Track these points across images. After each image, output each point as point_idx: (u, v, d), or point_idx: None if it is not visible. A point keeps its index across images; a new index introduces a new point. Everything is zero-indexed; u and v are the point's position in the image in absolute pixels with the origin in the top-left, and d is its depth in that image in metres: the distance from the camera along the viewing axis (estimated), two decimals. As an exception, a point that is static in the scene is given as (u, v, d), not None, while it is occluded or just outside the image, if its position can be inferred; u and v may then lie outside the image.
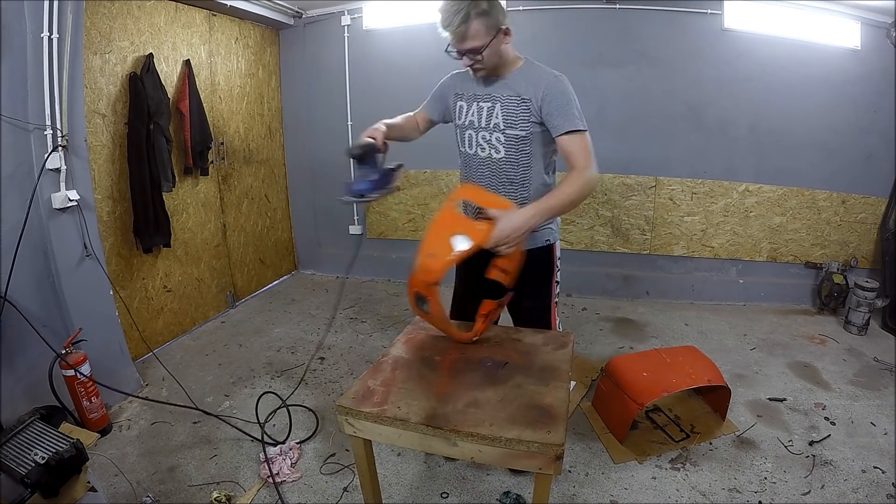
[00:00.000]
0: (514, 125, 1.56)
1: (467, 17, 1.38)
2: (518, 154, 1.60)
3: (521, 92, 1.53)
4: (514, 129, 1.57)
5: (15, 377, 2.06)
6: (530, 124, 1.55)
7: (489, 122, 1.60)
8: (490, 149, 1.63)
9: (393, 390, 1.29)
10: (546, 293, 1.78)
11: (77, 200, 2.20)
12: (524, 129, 1.56)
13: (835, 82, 3.30)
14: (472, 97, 1.64)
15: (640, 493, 1.89)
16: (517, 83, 1.55)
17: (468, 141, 1.68)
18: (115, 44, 2.63)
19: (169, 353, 3.02)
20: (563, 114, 1.48)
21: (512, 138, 1.58)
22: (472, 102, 1.64)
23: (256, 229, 4.02)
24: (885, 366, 2.80)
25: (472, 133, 1.66)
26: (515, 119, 1.56)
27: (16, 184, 2.05)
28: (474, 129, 1.65)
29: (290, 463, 2.03)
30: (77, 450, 1.41)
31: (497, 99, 1.58)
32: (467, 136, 1.68)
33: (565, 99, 1.49)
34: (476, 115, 1.63)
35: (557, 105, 1.48)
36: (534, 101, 1.51)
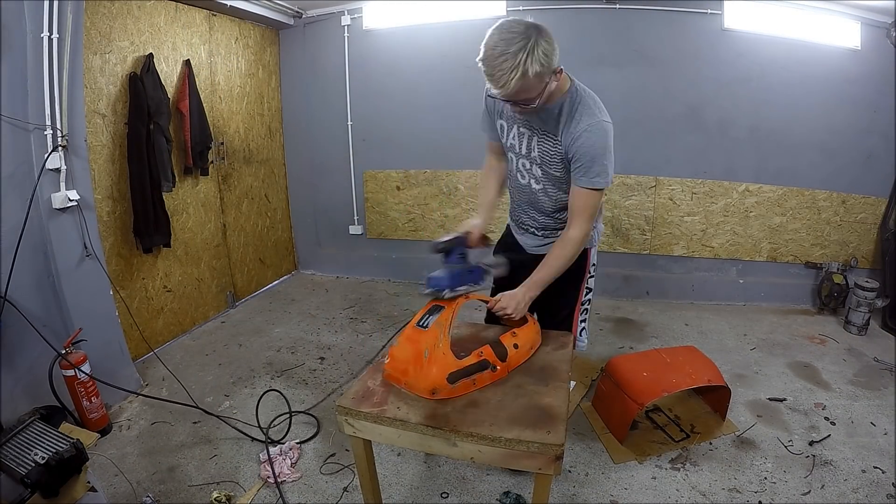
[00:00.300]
0: (550, 164, 1.51)
1: (524, 75, 1.21)
2: (556, 189, 1.56)
3: (557, 133, 1.44)
4: (551, 168, 1.51)
5: (15, 377, 2.06)
6: (564, 166, 1.48)
7: (529, 151, 1.53)
8: (529, 178, 1.59)
9: (392, 390, 1.29)
10: (573, 296, 1.76)
11: (77, 200, 2.20)
12: (559, 170, 1.50)
13: (835, 82, 3.30)
14: (512, 118, 1.52)
15: (640, 493, 1.89)
16: (554, 122, 1.43)
17: (511, 162, 1.63)
18: (115, 44, 2.63)
19: (169, 353, 3.02)
20: (584, 168, 1.41)
21: (549, 175, 1.53)
22: (513, 125, 1.54)
23: (256, 229, 4.02)
24: (885, 366, 2.80)
25: (513, 157, 1.60)
26: (550, 159, 1.50)
27: (16, 184, 2.05)
28: (515, 154, 1.59)
29: (290, 463, 2.04)
30: (77, 450, 1.41)
31: (535, 130, 1.49)
32: (510, 158, 1.62)
33: (593, 154, 1.39)
34: (517, 140, 1.55)
35: (583, 157, 1.40)
36: (564, 146, 1.44)
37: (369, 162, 4.13)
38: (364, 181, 4.18)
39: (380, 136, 4.01)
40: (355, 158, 4.14)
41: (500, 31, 1.24)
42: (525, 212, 1.71)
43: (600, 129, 1.40)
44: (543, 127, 1.47)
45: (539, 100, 1.31)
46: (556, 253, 1.51)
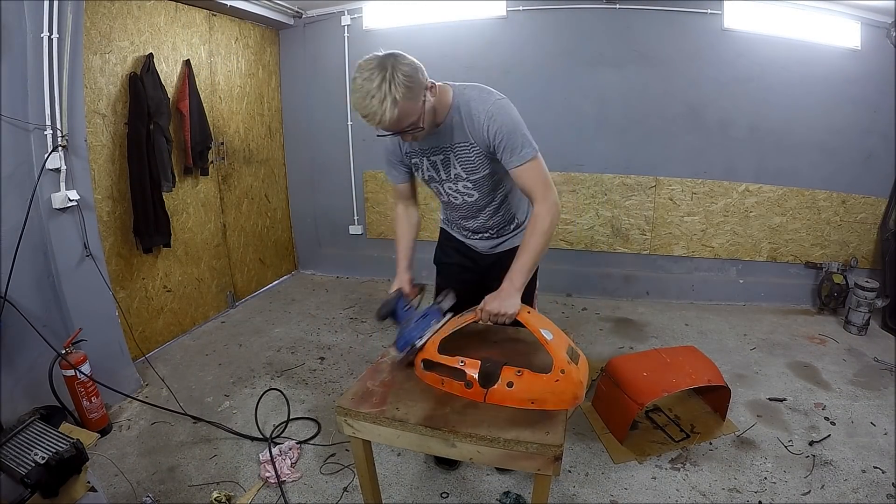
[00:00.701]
0: (475, 170, 1.48)
1: (395, 103, 1.21)
2: (492, 188, 1.55)
3: (466, 137, 1.43)
4: (477, 172, 1.49)
5: (15, 377, 2.06)
6: (490, 162, 1.46)
7: (448, 173, 1.52)
8: (464, 196, 1.57)
9: (392, 391, 1.29)
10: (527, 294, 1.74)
11: (77, 200, 2.20)
12: (486, 167, 1.48)
13: (835, 82, 3.30)
14: (418, 153, 1.52)
15: (640, 493, 1.89)
16: (459, 129, 1.42)
17: (438, 191, 1.62)
18: (115, 44, 2.63)
19: (169, 353, 3.02)
20: (509, 148, 1.38)
21: (478, 181, 1.51)
22: (423, 158, 1.53)
23: (256, 229, 4.02)
24: (885, 366, 2.80)
25: (437, 186, 1.59)
26: (474, 164, 1.47)
27: (16, 184, 2.05)
28: (437, 183, 1.57)
29: (290, 463, 2.04)
30: (77, 450, 1.41)
31: (447, 149, 1.47)
32: (434, 188, 1.62)
33: (508, 130, 1.37)
34: (433, 170, 1.54)
35: (502, 140, 1.38)
36: (480, 143, 1.42)
37: (369, 162, 4.13)
38: (364, 181, 4.18)
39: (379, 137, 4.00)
40: (355, 158, 4.14)
41: (360, 72, 1.24)
42: (474, 219, 1.66)
43: (499, 107, 1.38)
44: (452, 140, 1.45)
45: (422, 120, 1.31)
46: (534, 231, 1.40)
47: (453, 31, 3.60)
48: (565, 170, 3.73)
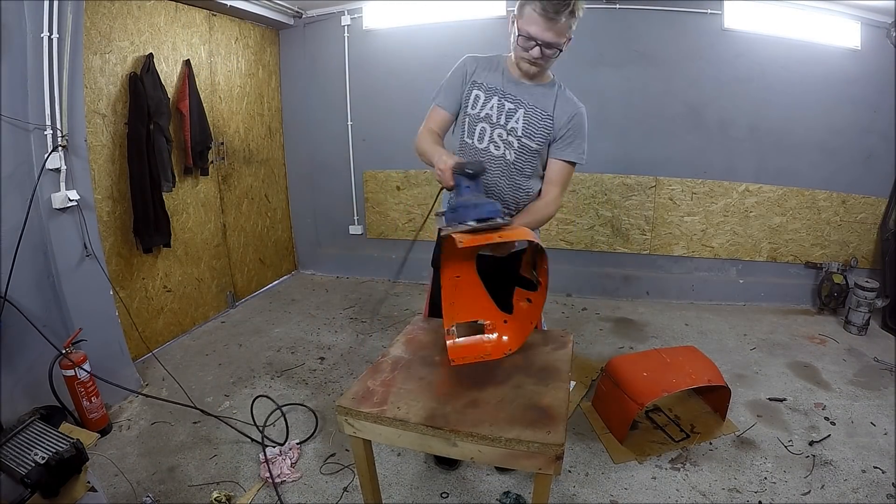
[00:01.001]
0: (531, 137, 1.56)
1: (573, 13, 1.36)
2: (526, 163, 1.60)
3: (550, 109, 1.54)
4: (531, 140, 1.56)
5: (15, 377, 2.06)
6: (545, 140, 1.56)
7: (507, 122, 1.56)
8: (505, 148, 1.58)
9: (392, 390, 1.29)
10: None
11: (77, 200, 2.20)
12: (540, 143, 1.57)
13: (835, 82, 3.30)
14: (493, 90, 1.56)
15: (640, 493, 1.89)
16: (548, 99, 1.55)
17: (480, 134, 1.59)
18: (115, 44, 2.63)
19: (169, 353, 3.02)
20: (573, 145, 1.56)
21: (525, 148, 1.57)
22: (493, 96, 1.56)
23: (256, 229, 4.02)
24: (885, 366, 2.80)
25: (486, 127, 1.58)
26: (535, 131, 1.55)
27: (16, 184, 2.05)
28: (490, 124, 1.58)
29: (290, 463, 2.04)
30: (77, 450, 1.41)
31: (522, 104, 1.55)
32: (479, 129, 1.59)
33: (583, 130, 1.56)
34: (495, 111, 1.56)
35: (574, 135, 1.55)
36: (556, 122, 1.54)
37: (369, 162, 4.13)
38: (364, 181, 4.18)
39: (380, 136, 4.01)
40: (355, 158, 4.14)
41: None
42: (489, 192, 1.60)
43: (585, 114, 1.59)
44: (533, 101, 1.54)
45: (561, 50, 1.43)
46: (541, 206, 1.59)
47: (453, 31, 3.60)
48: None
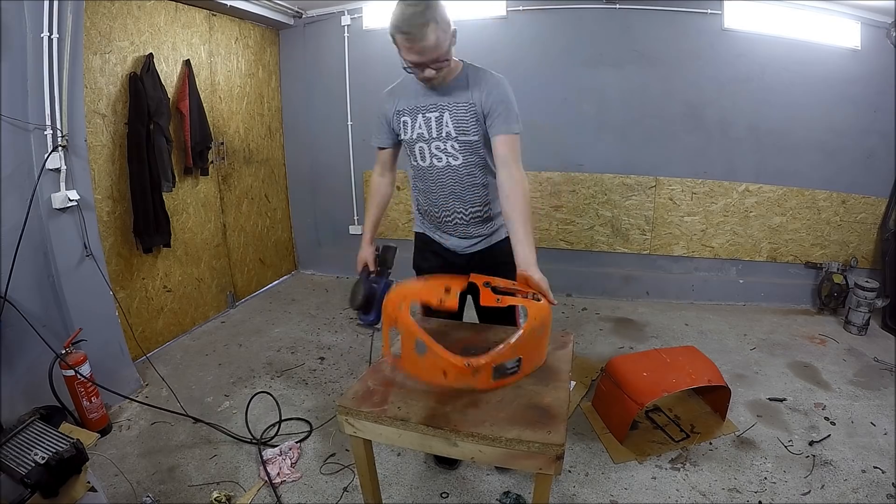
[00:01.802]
0: (466, 131, 1.55)
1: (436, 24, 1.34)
2: (475, 157, 1.60)
3: (468, 98, 1.53)
4: (467, 134, 1.55)
5: (15, 377, 2.06)
6: (481, 128, 1.55)
7: (440, 131, 1.57)
8: (447, 157, 1.60)
9: (393, 390, 1.29)
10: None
11: (77, 200, 2.20)
12: (476, 133, 1.55)
13: (835, 82, 3.30)
14: (413, 110, 1.59)
15: (640, 493, 1.89)
16: (463, 90, 1.53)
17: (420, 154, 1.64)
18: (115, 44, 2.63)
19: (169, 353, 3.02)
20: (504, 117, 1.51)
21: (466, 144, 1.57)
22: (416, 115, 1.59)
23: (256, 229, 4.02)
24: (885, 366, 2.80)
25: (422, 146, 1.61)
26: (466, 125, 1.54)
27: (16, 184, 2.05)
28: (425, 142, 1.60)
29: (290, 463, 2.04)
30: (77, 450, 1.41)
31: (444, 107, 1.55)
32: (418, 150, 1.63)
33: (508, 102, 1.52)
34: (424, 128, 1.59)
35: (500, 108, 1.51)
36: (479, 105, 1.52)
37: (369, 162, 4.07)
38: (364, 181, 4.18)
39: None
40: (355, 158, 4.14)
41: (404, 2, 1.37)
42: (445, 203, 1.67)
43: (503, 81, 1.55)
44: (452, 99, 1.54)
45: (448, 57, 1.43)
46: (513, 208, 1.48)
47: (453, 31, 3.60)
48: (565, 170, 3.73)
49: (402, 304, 1.30)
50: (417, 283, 1.43)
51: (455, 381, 1.25)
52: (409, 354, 1.31)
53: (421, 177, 1.69)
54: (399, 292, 1.34)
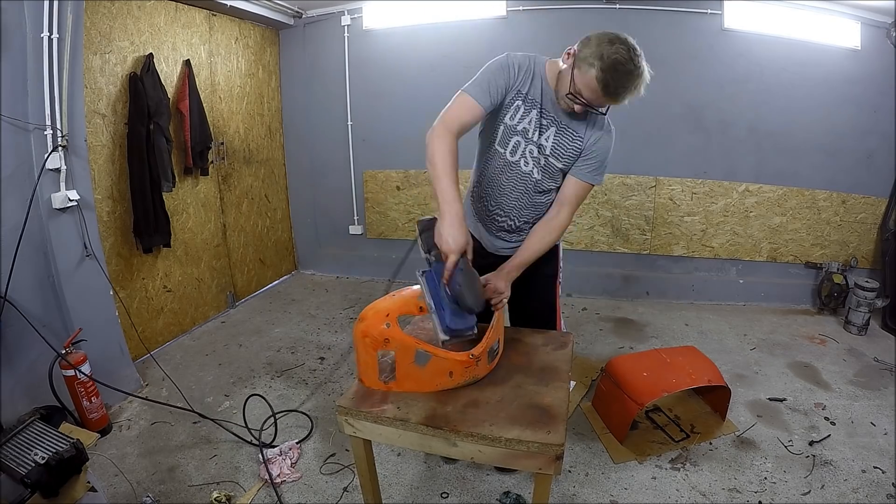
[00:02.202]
0: (559, 157, 1.51)
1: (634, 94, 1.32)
2: (553, 182, 1.57)
3: (582, 131, 1.49)
4: (558, 161, 1.51)
5: (15, 377, 2.06)
6: (571, 162, 1.52)
7: (538, 139, 1.50)
8: (534, 165, 1.53)
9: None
10: (552, 293, 1.78)
11: (77, 200, 2.20)
12: (566, 164, 1.52)
13: (835, 82, 3.30)
14: (533, 103, 1.48)
15: (640, 493, 1.89)
16: (581, 119, 1.47)
17: (513, 146, 1.52)
18: (115, 44, 2.63)
19: (169, 354, 3.02)
20: (593, 166, 1.51)
21: (550, 167, 1.53)
22: (532, 109, 1.48)
23: (256, 229, 4.02)
24: (885, 366, 2.80)
25: (520, 140, 1.51)
26: (563, 152, 1.50)
27: (16, 184, 2.05)
28: (525, 139, 1.51)
29: (290, 463, 2.04)
30: (77, 450, 1.41)
31: (555, 122, 1.48)
32: (514, 142, 1.52)
33: (605, 154, 1.52)
34: (532, 125, 1.49)
35: (597, 157, 1.51)
36: (584, 144, 1.50)
37: (369, 162, 4.13)
38: (364, 181, 4.18)
39: (380, 136, 4.01)
40: (355, 158, 4.14)
41: (629, 49, 1.28)
42: (506, 204, 1.60)
43: (613, 135, 1.55)
44: (569, 123, 1.49)
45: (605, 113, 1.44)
46: (541, 236, 1.54)
47: (453, 31, 3.60)
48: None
49: (386, 322, 1.21)
50: (388, 299, 1.29)
51: (461, 377, 1.27)
52: (409, 370, 1.24)
53: (500, 167, 1.56)
54: (377, 312, 1.23)
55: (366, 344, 1.23)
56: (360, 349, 1.25)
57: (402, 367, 1.24)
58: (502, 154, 1.54)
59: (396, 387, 1.26)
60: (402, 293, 1.34)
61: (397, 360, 1.23)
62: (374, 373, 1.26)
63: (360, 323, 1.24)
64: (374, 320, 1.22)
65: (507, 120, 1.50)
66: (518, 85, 1.47)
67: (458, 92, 1.43)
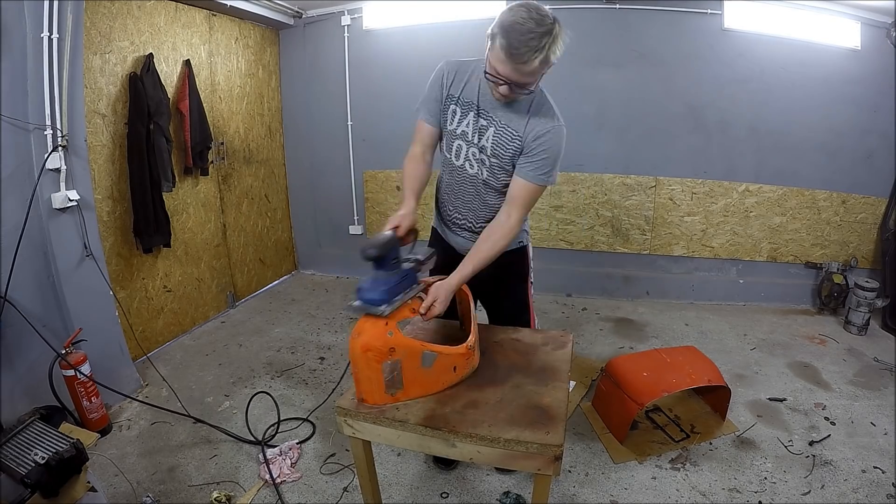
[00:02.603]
0: (500, 156, 1.50)
1: (545, 61, 1.24)
2: (497, 181, 1.55)
3: (521, 129, 1.44)
4: (500, 159, 1.50)
5: (15, 377, 2.06)
6: (511, 159, 1.49)
7: (478, 139, 1.51)
8: (479, 167, 1.54)
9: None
10: (523, 292, 1.79)
11: (77, 200, 2.20)
12: (509, 163, 1.49)
13: (835, 82, 3.30)
14: (469, 105, 1.48)
15: (640, 493, 1.89)
16: (521, 114, 1.44)
17: (457, 150, 1.56)
18: (115, 44, 2.63)
19: (169, 353, 3.02)
20: (538, 165, 1.43)
21: (494, 165, 1.52)
22: (469, 112, 1.49)
23: (256, 229, 4.02)
24: (885, 366, 2.80)
25: (461, 144, 1.54)
26: (504, 151, 1.48)
27: (16, 184, 2.05)
28: (466, 142, 1.53)
29: (290, 463, 2.04)
30: (77, 450, 1.41)
31: (493, 122, 1.47)
32: (456, 146, 1.55)
33: (549, 154, 1.43)
34: (470, 128, 1.50)
35: (541, 155, 1.43)
36: (523, 140, 1.44)
37: (369, 162, 4.13)
38: (364, 181, 4.18)
39: (380, 136, 4.00)
40: (355, 158, 4.14)
41: (529, 10, 1.24)
42: (462, 206, 1.64)
43: (561, 133, 1.45)
44: (506, 120, 1.45)
45: (533, 90, 1.35)
46: (493, 241, 1.46)
47: (453, 31, 3.59)
48: (565, 170, 3.72)
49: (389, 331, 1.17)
50: None
51: (463, 370, 1.31)
52: (416, 375, 1.21)
53: (449, 171, 1.63)
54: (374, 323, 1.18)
55: (368, 358, 1.16)
56: (360, 365, 1.17)
57: (410, 372, 1.20)
58: (450, 160, 1.59)
59: (404, 395, 1.22)
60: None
61: (404, 367, 1.19)
62: (380, 387, 1.19)
63: (359, 337, 1.17)
64: (374, 331, 1.17)
65: (447, 126, 1.54)
66: (451, 90, 1.49)
67: None
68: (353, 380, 1.23)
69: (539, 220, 3.85)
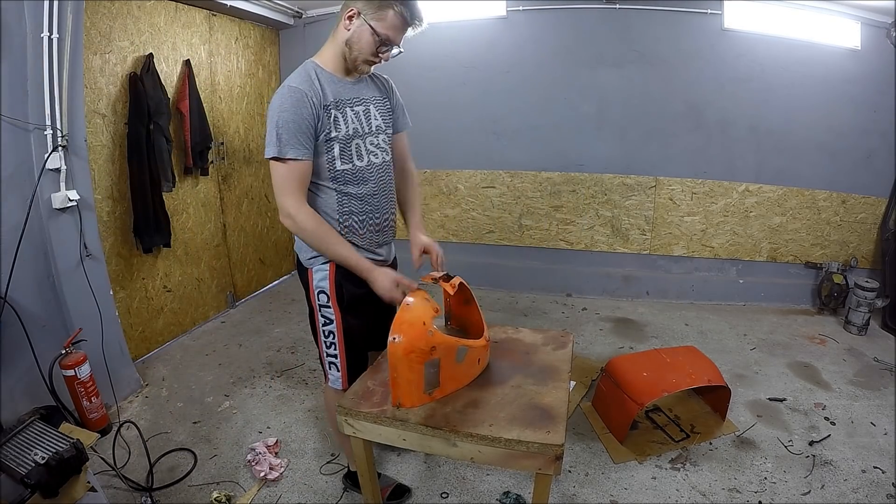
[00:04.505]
0: (388, 125, 1.57)
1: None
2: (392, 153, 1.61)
3: (383, 94, 1.57)
4: (389, 128, 1.58)
5: (15, 377, 2.06)
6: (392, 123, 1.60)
7: (370, 125, 1.50)
8: (381, 152, 1.54)
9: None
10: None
11: (77, 200, 2.20)
12: (391, 127, 1.59)
13: (835, 82, 3.30)
14: (340, 103, 1.43)
15: (640, 493, 1.89)
16: (370, 84, 1.55)
17: (356, 152, 1.46)
18: (115, 44, 2.63)
19: (169, 353, 3.02)
20: (404, 112, 1.64)
21: (388, 140, 1.58)
22: (344, 108, 1.44)
23: (256, 229, 4.01)
24: (885, 366, 2.80)
25: (359, 142, 1.47)
26: (388, 119, 1.57)
27: (16, 184, 2.04)
28: (360, 137, 1.47)
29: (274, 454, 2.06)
30: (77, 450, 1.41)
31: (367, 101, 1.51)
32: (354, 147, 1.45)
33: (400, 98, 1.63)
34: (358, 121, 1.47)
35: (401, 104, 1.63)
36: (390, 100, 1.59)
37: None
38: (364, 181, 4.18)
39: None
40: (355, 158, 4.13)
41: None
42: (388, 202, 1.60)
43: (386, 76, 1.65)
44: (370, 93, 1.54)
45: None
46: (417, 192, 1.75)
47: (453, 31, 3.59)
48: (565, 170, 3.73)
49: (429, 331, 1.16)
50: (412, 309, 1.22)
51: (484, 361, 1.36)
52: (451, 371, 1.23)
53: (357, 180, 1.48)
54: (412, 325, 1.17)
55: (411, 360, 1.16)
56: (401, 369, 1.16)
57: (447, 369, 1.22)
58: (352, 167, 1.46)
59: (440, 392, 1.23)
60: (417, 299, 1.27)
61: (442, 365, 1.21)
62: (419, 388, 1.20)
63: (398, 341, 1.16)
64: (414, 333, 1.16)
65: (339, 133, 1.42)
66: (323, 101, 1.39)
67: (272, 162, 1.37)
68: (391, 385, 1.21)
69: (539, 220, 3.85)
